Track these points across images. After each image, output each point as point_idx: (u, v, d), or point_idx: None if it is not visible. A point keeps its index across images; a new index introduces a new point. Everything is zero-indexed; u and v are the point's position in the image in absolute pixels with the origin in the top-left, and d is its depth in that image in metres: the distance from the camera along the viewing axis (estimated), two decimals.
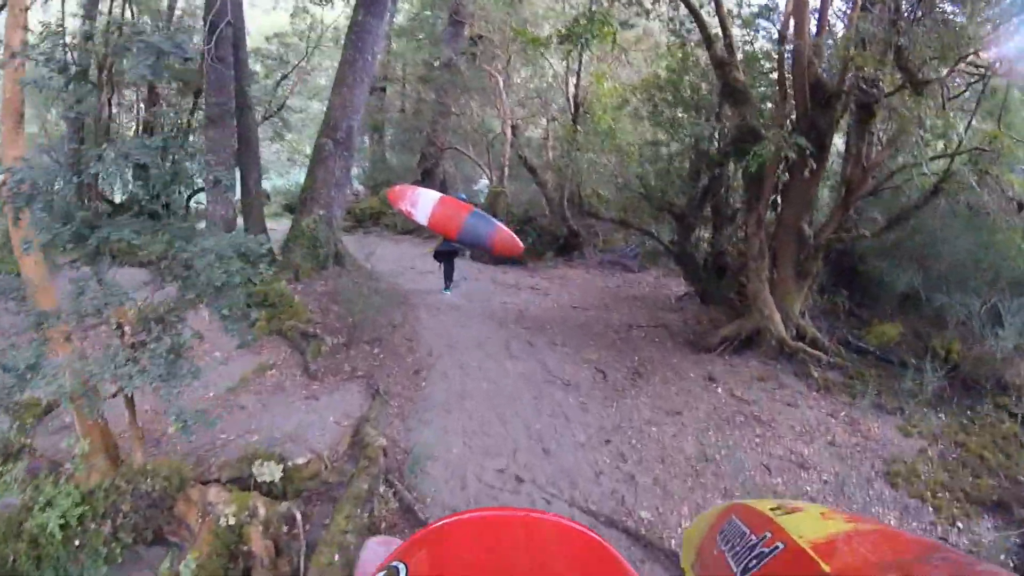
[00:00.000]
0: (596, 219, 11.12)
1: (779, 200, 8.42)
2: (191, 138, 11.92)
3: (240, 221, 10.45)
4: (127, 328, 4.25)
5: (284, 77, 13.59)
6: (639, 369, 7.11)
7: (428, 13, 17.05)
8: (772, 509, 1.32)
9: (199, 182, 9.72)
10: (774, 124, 7.54)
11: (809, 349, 8.09)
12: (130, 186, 4.15)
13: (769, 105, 8.69)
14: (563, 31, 8.15)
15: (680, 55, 9.61)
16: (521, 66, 15.47)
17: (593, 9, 8.75)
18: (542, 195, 14.56)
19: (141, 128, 14.22)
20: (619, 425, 5.88)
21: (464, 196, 9.70)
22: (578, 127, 11.25)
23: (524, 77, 15.42)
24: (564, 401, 6.08)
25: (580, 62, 13.06)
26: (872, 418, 6.49)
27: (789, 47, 7.50)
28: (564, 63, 14.03)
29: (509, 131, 15.96)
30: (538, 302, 9.35)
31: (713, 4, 8.24)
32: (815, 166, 7.71)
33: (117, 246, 12.77)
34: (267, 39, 13.56)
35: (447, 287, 9.35)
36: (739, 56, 8.42)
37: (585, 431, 5.76)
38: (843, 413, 6.83)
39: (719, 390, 7.11)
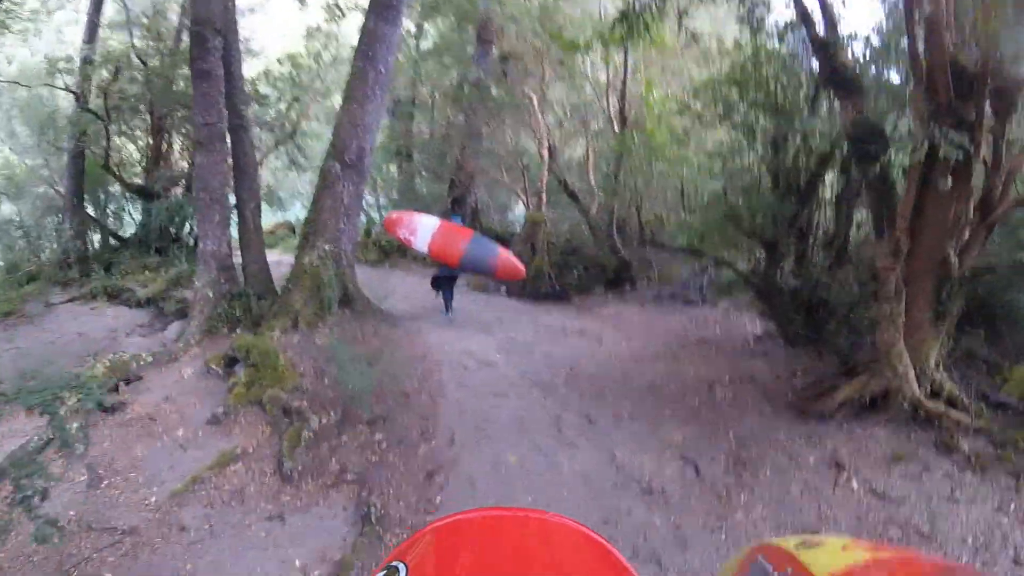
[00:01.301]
0: (659, 249, 9.25)
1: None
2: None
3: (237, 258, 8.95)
4: None
5: (295, 100, 12.30)
6: (740, 454, 5.13)
7: (455, 34, 15.74)
8: (796, 545, 1.24)
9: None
10: (916, 116, 5.61)
11: (952, 412, 6.18)
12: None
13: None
14: (616, 16, 6.50)
15: (752, 45, 7.88)
16: (557, 81, 13.90)
17: None
18: (585, 222, 12.82)
19: (147, 157, 13.11)
20: None
21: (460, 219, 9.39)
22: (628, 142, 9.49)
23: (560, 95, 13.79)
24: (649, 524, 4.06)
25: (626, 70, 11.37)
26: None
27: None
28: (606, 74, 12.42)
29: (546, 153, 14.36)
30: (591, 352, 7.45)
31: None
32: (962, 173, 5.78)
33: (113, 286, 11.22)
34: (279, 61, 12.36)
35: (447, 309, 8.65)
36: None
37: None
38: (1012, 505, 5.00)
39: (853, 483, 5.16)
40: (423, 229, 8.48)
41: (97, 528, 4.31)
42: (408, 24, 16.19)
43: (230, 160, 8.54)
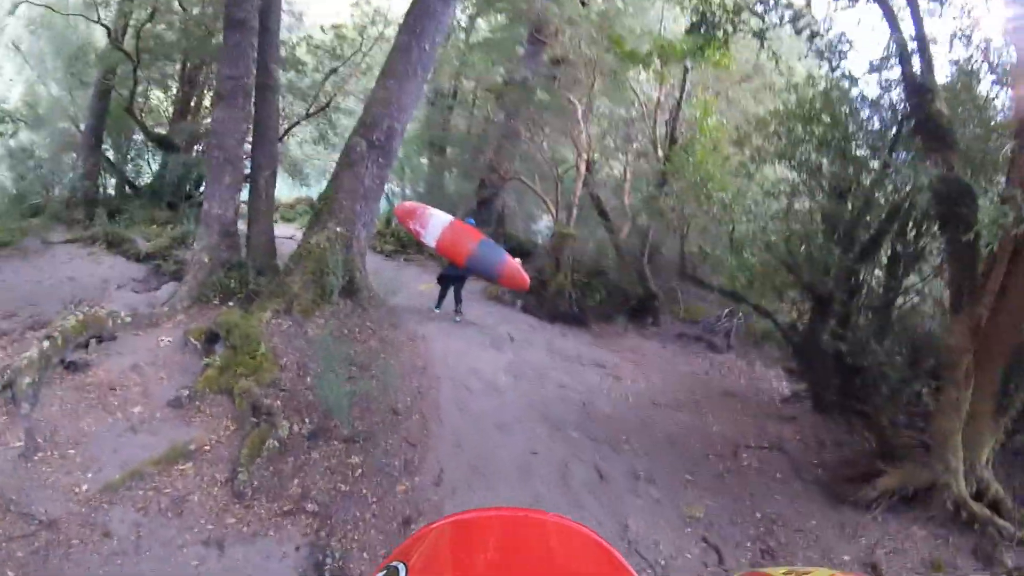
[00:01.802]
0: (696, 285, 8.54)
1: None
2: None
3: (243, 227, 8.36)
4: None
5: (333, 71, 11.72)
6: (766, 540, 4.42)
7: (506, 31, 15.13)
8: (784, 573, 1.27)
9: None
10: (1018, 182, 4.88)
11: (997, 520, 5.57)
12: None
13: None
14: (694, 20, 5.84)
15: (827, 82, 7.21)
16: (604, 94, 13.25)
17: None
18: (612, 245, 12.10)
19: (174, 108, 12.63)
20: None
21: (473, 221, 9.17)
22: (679, 162, 8.80)
23: (606, 109, 13.13)
24: None
25: (682, 90, 10.69)
26: None
27: None
28: (658, 92, 11.76)
29: (584, 166, 13.69)
30: (607, 388, 6.73)
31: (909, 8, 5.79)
32: None
33: (115, 234, 10.62)
34: (322, 29, 11.82)
35: (456, 310, 8.37)
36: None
37: None
38: None
39: None
40: (434, 223, 8.33)
41: (15, 511, 3.68)
42: (460, 16, 15.67)
43: (251, 122, 7.96)
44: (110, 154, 13.11)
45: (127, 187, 13.08)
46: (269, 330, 6.26)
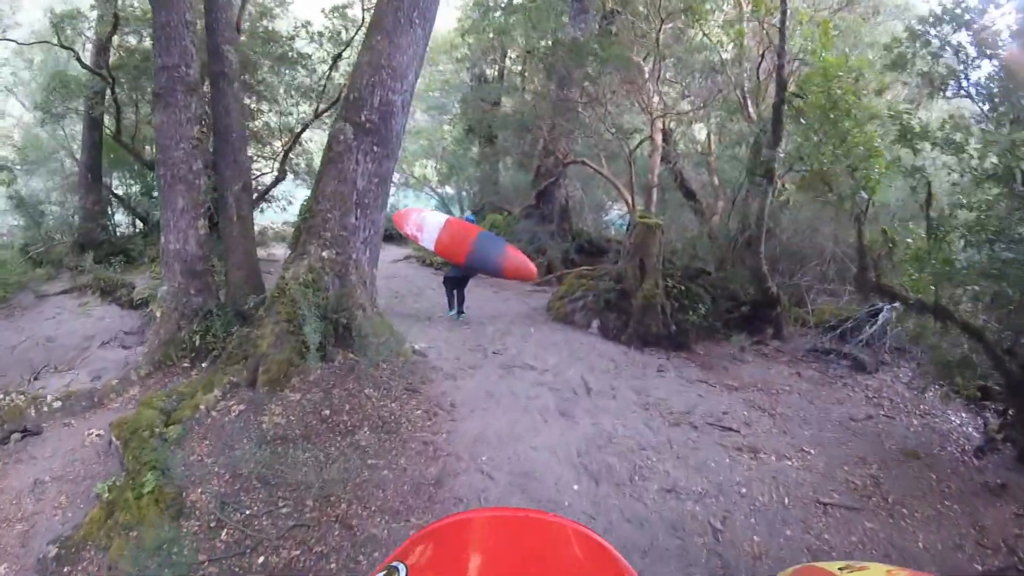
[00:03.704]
0: (891, 299, 5.73)
1: None
2: None
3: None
4: None
5: (338, 57, 9.60)
6: None
7: None
8: (840, 568, 1.32)
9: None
10: None
11: None
12: None
13: None
14: None
15: None
16: (677, 39, 10.44)
17: None
18: (705, 233, 9.36)
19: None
20: None
21: (472, 217, 9.06)
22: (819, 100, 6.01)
23: (680, 57, 10.29)
24: None
25: (784, 14, 7.71)
26: None
27: None
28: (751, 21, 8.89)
29: (659, 136, 10.92)
30: (745, 481, 4.02)
31: None
32: None
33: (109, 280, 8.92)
34: (323, 12, 9.76)
35: (459, 311, 7.87)
36: None
37: None
38: None
39: None
40: (430, 226, 8.00)
41: None
42: None
43: (206, 124, 5.93)
44: (120, 189, 11.78)
45: (139, 224, 11.66)
46: (208, 423, 4.13)
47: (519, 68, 15.42)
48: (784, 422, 5.28)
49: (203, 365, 5.87)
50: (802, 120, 6.50)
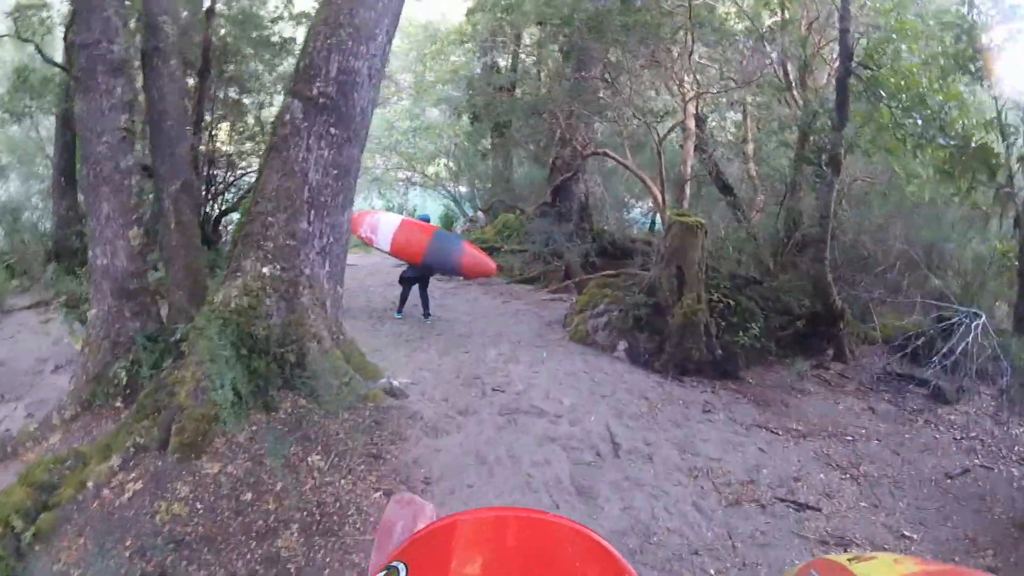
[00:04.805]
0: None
1: None
2: None
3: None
4: None
5: None
6: None
7: None
8: (849, 559, 1.33)
9: None
10: None
11: None
12: None
13: None
14: None
15: None
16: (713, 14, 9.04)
17: None
18: (750, 235, 8.03)
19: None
20: None
21: (427, 216, 9.19)
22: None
23: (717, 27, 8.87)
24: None
25: None
26: None
27: None
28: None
29: (692, 122, 9.56)
30: None
31: None
32: None
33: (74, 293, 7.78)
34: None
35: (425, 313, 7.65)
36: None
37: None
38: None
39: None
40: (384, 227, 7.91)
41: None
42: None
43: (138, 112, 4.83)
44: None
45: None
46: (93, 508, 3.01)
47: (533, 58, 14.15)
48: (872, 488, 3.99)
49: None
50: (881, 92, 5.12)
